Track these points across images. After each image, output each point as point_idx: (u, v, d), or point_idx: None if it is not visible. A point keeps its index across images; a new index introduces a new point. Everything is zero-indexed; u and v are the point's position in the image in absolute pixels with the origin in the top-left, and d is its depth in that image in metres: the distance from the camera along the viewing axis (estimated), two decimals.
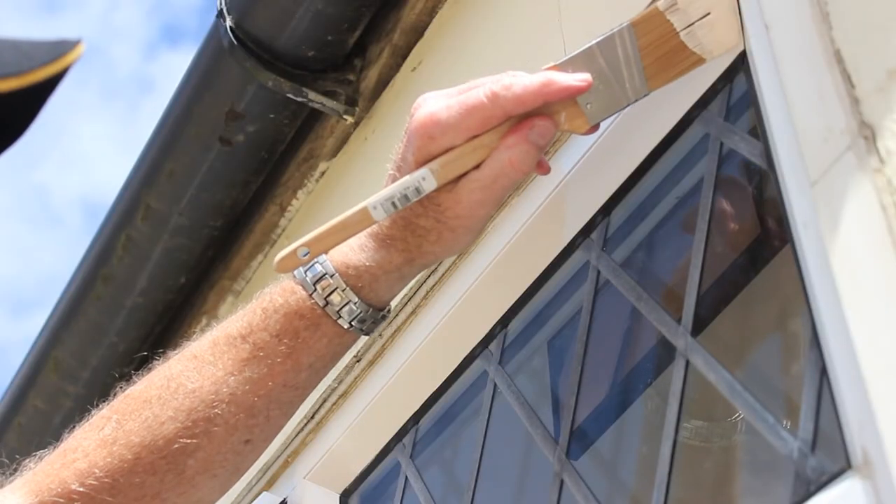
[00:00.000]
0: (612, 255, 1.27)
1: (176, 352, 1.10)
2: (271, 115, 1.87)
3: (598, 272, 1.28)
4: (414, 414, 1.54)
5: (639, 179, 1.26)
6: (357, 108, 1.82)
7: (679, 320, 1.12)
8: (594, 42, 1.05)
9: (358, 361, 1.59)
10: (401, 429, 1.56)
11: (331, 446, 1.63)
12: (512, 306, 1.40)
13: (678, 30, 1.06)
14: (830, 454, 0.88)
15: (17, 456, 1.13)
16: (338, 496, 1.65)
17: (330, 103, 1.81)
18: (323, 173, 1.92)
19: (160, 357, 1.11)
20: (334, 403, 1.64)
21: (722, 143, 1.15)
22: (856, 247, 0.84)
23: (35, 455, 1.11)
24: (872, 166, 0.84)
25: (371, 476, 1.61)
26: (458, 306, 1.42)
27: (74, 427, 1.11)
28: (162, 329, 2.26)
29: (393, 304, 1.12)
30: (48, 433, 2.42)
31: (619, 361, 1.28)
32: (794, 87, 0.96)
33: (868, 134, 0.85)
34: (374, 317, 1.07)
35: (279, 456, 1.73)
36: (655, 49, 1.06)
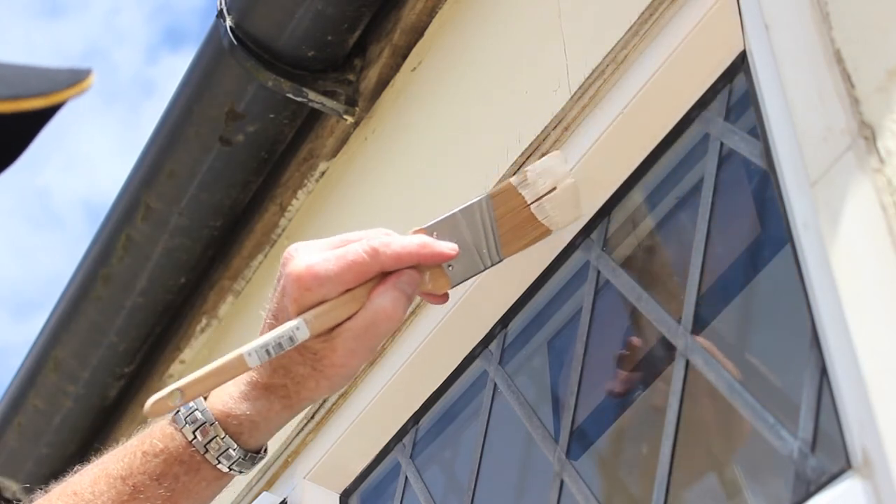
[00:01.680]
0: (612, 255, 1.27)
1: (57, 486, 1.11)
2: (271, 115, 1.87)
3: (598, 272, 1.28)
4: (414, 414, 1.54)
5: (639, 179, 1.26)
6: (357, 108, 1.82)
7: (679, 320, 1.12)
8: (458, 209, 1.15)
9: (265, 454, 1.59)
10: (401, 429, 1.56)
11: (331, 446, 1.63)
12: (512, 306, 1.40)
13: (528, 202, 1.17)
14: (830, 454, 0.88)
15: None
16: (338, 496, 1.65)
17: (330, 103, 1.81)
18: (323, 173, 1.92)
19: (41, 490, 1.13)
20: (334, 403, 1.64)
21: (722, 143, 1.15)
22: (856, 247, 0.84)
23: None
24: (872, 166, 0.84)
25: (371, 476, 1.61)
26: (459, 306, 1.42)
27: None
28: (162, 329, 2.26)
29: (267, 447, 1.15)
30: (48, 433, 2.42)
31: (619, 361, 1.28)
32: (794, 87, 0.96)
33: (868, 134, 0.85)
34: (251, 459, 1.11)
35: (279, 456, 1.73)
36: (509, 219, 1.17)
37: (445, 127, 1.59)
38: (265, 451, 1.14)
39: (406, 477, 1.52)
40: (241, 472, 1.11)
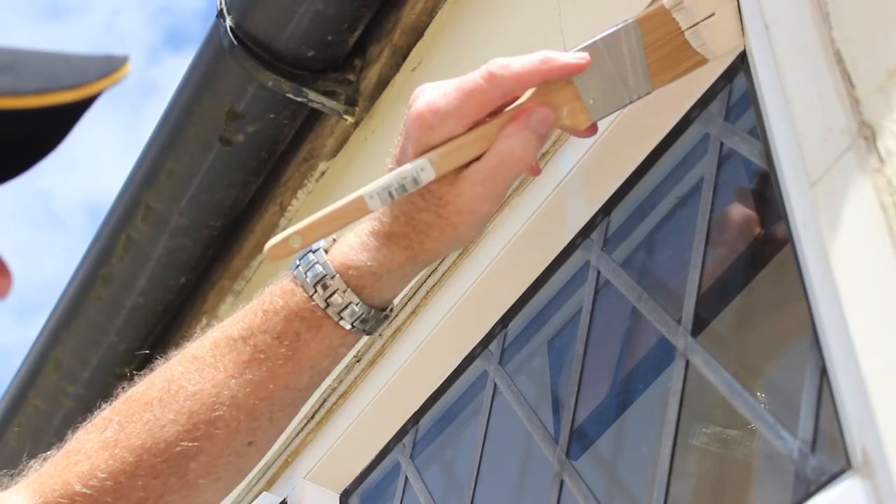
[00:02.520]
0: (612, 255, 1.27)
1: (177, 352, 1.09)
2: (271, 115, 1.87)
3: (598, 272, 1.28)
4: (414, 414, 1.54)
5: (639, 179, 1.26)
6: (357, 108, 1.82)
7: (679, 320, 1.12)
8: (599, 37, 1.03)
9: (358, 361, 1.59)
10: (401, 429, 1.56)
11: (331, 446, 1.63)
12: (512, 306, 1.40)
13: (683, 28, 1.05)
14: (830, 454, 0.88)
15: (22, 457, 1.13)
16: (338, 496, 1.65)
17: (330, 103, 1.81)
18: (323, 173, 1.92)
19: (162, 357, 1.10)
20: (334, 403, 1.64)
21: (722, 143, 1.15)
22: (856, 247, 0.84)
23: (40, 456, 1.11)
24: (872, 166, 0.84)
25: (371, 476, 1.61)
26: (458, 306, 1.42)
27: (77, 427, 1.11)
28: (162, 329, 2.26)
29: (395, 302, 1.11)
30: (48, 433, 2.42)
31: (619, 361, 1.28)
32: (794, 87, 0.96)
33: (868, 134, 0.85)
34: (376, 317, 1.06)
35: (279, 456, 1.73)
36: (660, 47, 1.05)
37: None
38: (391, 310, 1.08)
39: (406, 477, 1.52)
40: (365, 331, 1.06)
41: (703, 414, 1.17)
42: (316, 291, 1.03)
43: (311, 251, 1.04)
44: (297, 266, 1.04)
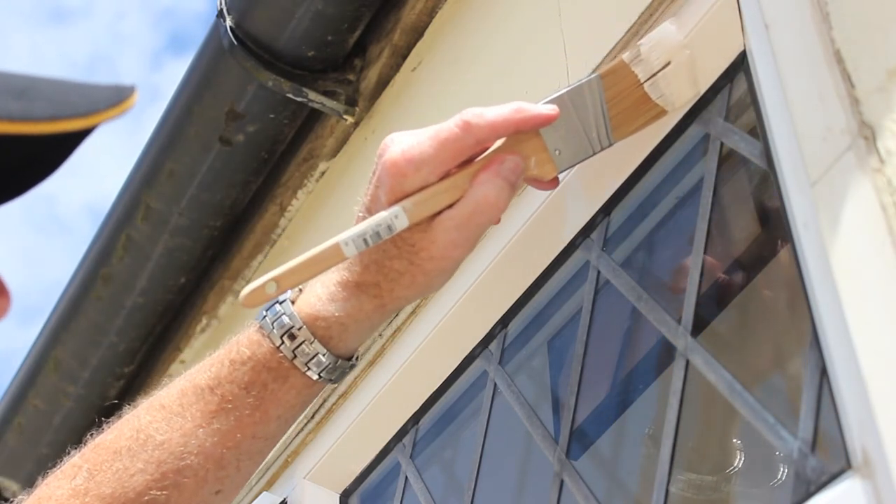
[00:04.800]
0: (612, 255, 1.27)
1: (145, 400, 1.09)
2: (271, 115, 1.87)
3: (598, 272, 1.28)
4: (414, 414, 1.54)
5: (639, 179, 1.26)
6: (357, 108, 1.82)
7: (679, 320, 1.12)
8: (564, 90, 1.07)
9: (358, 361, 1.59)
10: (401, 429, 1.56)
11: (331, 446, 1.63)
12: (512, 306, 1.40)
13: (642, 80, 1.09)
14: (830, 454, 0.88)
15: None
16: (338, 496, 1.65)
17: (330, 103, 1.81)
18: (323, 173, 1.92)
19: (130, 406, 1.11)
20: (334, 403, 1.64)
21: (722, 143, 1.15)
22: (856, 247, 0.84)
23: (11, 501, 1.11)
24: (872, 166, 0.84)
25: (371, 476, 1.61)
26: (458, 306, 1.42)
27: (47, 473, 1.11)
28: (162, 329, 2.26)
29: (361, 349, 1.11)
30: (48, 433, 2.42)
31: (619, 361, 1.28)
32: (794, 87, 0.96)
33: (868, 134, 0.85)
34: (342, 367, 1.07)
35: (279, 456, 1.73)
36: (621, 100, 1.09)
37: None
38: (357, 359, 1.09)
39: (406, 477, 1.52)
40: (331, 380, 1.07)
41: (703, 413, 1.17)
42: (283, 342, 1.05)
43: (277, 302, 1.06)
44: (265, 316, 1.06)
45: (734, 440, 1.17)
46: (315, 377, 1.05)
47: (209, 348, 2.21)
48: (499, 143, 1.04)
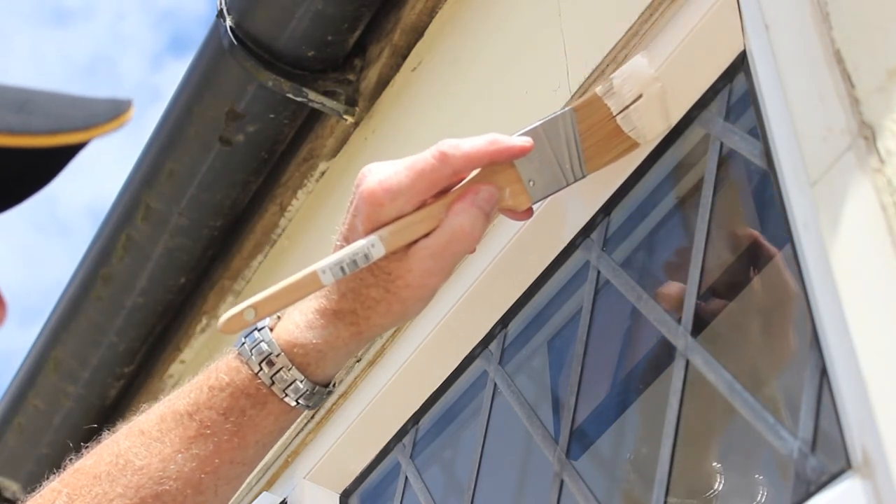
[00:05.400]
0: (612, 256, 1.27)
1: (124, 425, 1.10)
2: (271, 115, 1.87)
3: (598, 272, 1.28)
4: (414, 414, 1.54)
5: (639, 179, 1.26)
6: (357, 108, 1.82)
7: (679, 320, 1.13)
8: (539, 123, 1.09)
9: (358, 361, 1.59)
10: (401, 429, 1.56)
11: (331, 446, 1.63)
12: (512, 306, 1.40)
13: (614, 113, 1.12)
14: (830, 454, 0.88)
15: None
16: (338, 496, 1.65)
17: (330, 103, 1.81)
18: (323, 173, 1.92)
19: (109, 431, 1.11)
20: (334, 403, 1.64)
21: (722, 143, 1.15)
22: (856, 247, 0.84)
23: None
24: (872, 166, 0.84)
25: (371, 476, 1.61)
26: (459, 306, 1.42)
27: (26, 499, 1.11)
28: (162, 329, 2.26)
29: (337, 378, 1.13)
30: (48, 433, 2.42)
31: (619, 361, 1.28)
32: (794, 87, 0.96)
33: (868, 134, 0.85)
34: (319, 393, 1.09)
35: (279, 456, 1.73)
36: (594, 133, 1.11)
37: (445, 127, 1.59)
38: (334, 385, 1.11)
39: (406, 477, 1.52)
40: (309, 406, 1.09)
41: (703, 414, 1.17)
42: (261, 369, 1.06)
43: (256, 329, 1.07)
44: (243, 343, 1.07)
45: (714, 463, 1.18)
46: (293, 403, 1.07)
47: (209, 348, 2.21)
48: (474, 173, 1.07)
